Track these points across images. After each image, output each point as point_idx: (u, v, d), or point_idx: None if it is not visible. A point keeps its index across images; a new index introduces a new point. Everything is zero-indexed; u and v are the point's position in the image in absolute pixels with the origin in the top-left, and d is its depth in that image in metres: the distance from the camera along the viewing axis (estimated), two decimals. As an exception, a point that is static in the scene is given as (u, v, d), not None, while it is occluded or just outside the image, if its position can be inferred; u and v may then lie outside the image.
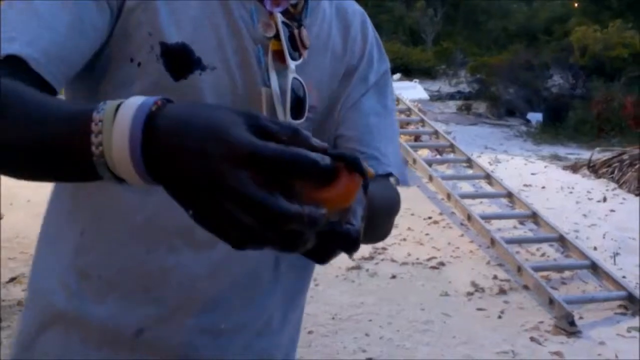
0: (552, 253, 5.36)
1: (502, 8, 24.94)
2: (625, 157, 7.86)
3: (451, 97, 16.19)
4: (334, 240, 0.58)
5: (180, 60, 0.82)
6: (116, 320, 0.88)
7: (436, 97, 15.66)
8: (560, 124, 12.63)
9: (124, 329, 0.88)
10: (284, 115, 0.86)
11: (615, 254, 5.26)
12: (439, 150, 8.06)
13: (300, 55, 0.89)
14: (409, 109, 9.00)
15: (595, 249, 5.33)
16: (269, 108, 0.86)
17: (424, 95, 12.28)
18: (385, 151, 0.97)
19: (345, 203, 0.58)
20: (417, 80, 14.57)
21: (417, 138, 8.41)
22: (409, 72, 17.67)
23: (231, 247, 0.54)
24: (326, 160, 0.54)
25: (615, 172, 7.62)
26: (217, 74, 0.84)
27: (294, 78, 0.87)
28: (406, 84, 12.46)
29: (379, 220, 0.89)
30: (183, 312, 0.89)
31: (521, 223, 5.91)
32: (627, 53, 14.36)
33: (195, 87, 0.83)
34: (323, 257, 0.60)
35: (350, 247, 0.59)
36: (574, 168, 8.31)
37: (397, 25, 23.61)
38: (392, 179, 0.99)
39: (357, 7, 1.02)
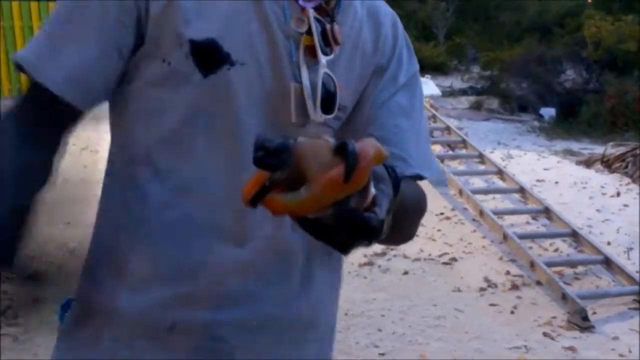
0: (565, 248, 5.34)
1: (515, 1, 24.78)
2: (638, 151, 7.80)
3: (463, 92, 16.13)
4: (354, 227, 0.59)
5: (208, 56, 0.84)
6: (150, 316, 0.90)
7: (448, 93, 15.61)
8: (573, 118, 12.55)
9: (157, 324, 0.90)
10: (314, 110, 0.87)
11: (629, 249, 5.23)
12: (451, 146, 8.04)
13: (332, 51, 0.89)
14: (421, 105, 8.97)
15: (608, 243, 5.30)
16: (297, 103, 0.87)
17: (436, 91, 12.24)
18: (414, 152, 0.97)
19: (337, 187, 0.57)
20: (429, 75, 14.53)
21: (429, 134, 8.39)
22: (420, 67, 17.53)
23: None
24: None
25: (629, 166, 7.56)
26: (246, 69, 0.85)
27: (325, 73, 0.87)
28: (418, 79, 12.37)
29: (407, 219, 0.90)
30: (214, 307, 0.90)
31: (534, 218, 5.88)
32: (640, 46, 14.23)
33: (225, 81, 0.85)
34: (344, 245, 0.61)
35: (371, 235, 0.60)
36: (587, 163, 8.26)
37: (408, 20, 23.54)
38: (427, 180, 0.99)
39: (389, 9, 1.03)
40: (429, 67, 18.37)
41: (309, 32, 0.87)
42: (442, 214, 6.07)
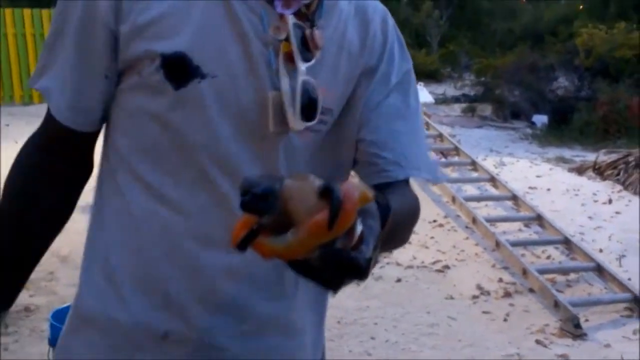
0: (557, 256, 5.35)
1: (507, 9, 24.89)
2: (630, 158, 7.83)
3: (456, 100, 16.16)
4: (341, 267, 0.61)
5: (179, 70, 0.84)
6: (143, 325, 0.91)
7: (441, 100, 15.64)
8: (565, 126, 12.59)
9: (150, 333, 0.91)
10: (294, 118, 0.87)
11: (621, 256, 5.24)
12: (443, 153, 8.06)
13: (312, 56, 0.88)
14: (414, 112, 8.99)
15: (600, 251, 5.31)
16: (276, 112, 0.87)
17: (429, 99, 12.25)
18: (409, 154, 0.97)
19: (321, 234, 0.59)
20: (422, 83, 14.54)
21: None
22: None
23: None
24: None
25: (621, 174, 7.59)
26: (218, 81, 0.85)
27: (304, 80, 0.87)
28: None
29: (400, 230, 0.90)
30: (205, 313, 0.90)
31: (526, 226, 5.90)
32: (632, 54, 14.30)
33: (196, 95, 0.85)
34: (333, 285, 0.63)
35: (358, 275, 0.61)
36: (580, 170, 8.29)
37: (402, 27, 23.51)
38: (423, 178, 1.00)
39: (379, 6, 1.01)
40: (422, 75, 18.40)
41: (289, 38, 0.87)
42: (434, 221, 6.08)
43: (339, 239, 0.61)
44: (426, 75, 18.10)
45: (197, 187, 0.88)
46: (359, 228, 0.63)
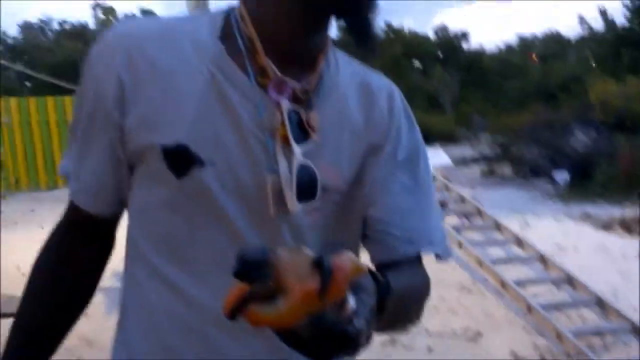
0: (591, 317, 5.20)
1: (516, 68, 25.20)
2: (657, 212, 7.72)
3: (474, 160, 16.21)
4: (330, 338, 0.60)
5: (180, 159, 0.87)
6: None
7: (459, 162, 15.69)
8: (587, 181, 12.52)
9: None
10: (292, 200, 0.88)
11: (658, 314, 5.09)
12: (466, 215, 8.01)
13: (309, 138, 0.89)
14: (433, 176, 9.01)
15: (636, 309, 5.16)
16: (275, 195, 0.88)
17: (447, 161, 12.33)
18: (419, 229, 0.96)
19: (310, 303, 0.60)
20: (439, 145, 14.65)
21: (443, 205, 8.37)
22: (430, 137, 17.81)
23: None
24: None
25: (649, 228, 7.47)
26: (217, 168, 0.87)
27: (301, 163, 0.88)
28: (428, 150, 12.50)
29: (406, 312, 0.90)
30: None
31: (557, 287, 5.78)
32: (648, 107, 14.32)
33: (198, 181, 0.87)
34: (321, 356, 0.62)
35: (348, 347, 0.61)
36: (606, 226, 8.17)
37: (414, 92, 23.98)
38: (432, 255, 0.98)
39: (384, 81, 1.02)
40: (439, 137, 18.55)
41: (284, 123, 0.88)
42: (462, 286, 5.98)
43: (329, 309, 0.61)
44: (443, 137, 18.25)
45: (211, 273, 0.89)
46: (351, 301, 0.63)
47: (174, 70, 0.88)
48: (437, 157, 11.99)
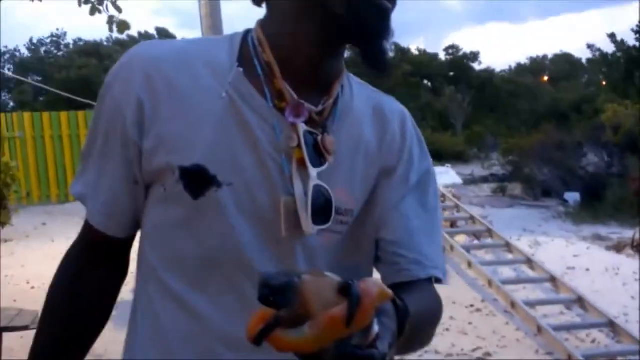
0: (602, 339, 5.15)
1: (528, 89, 25.20)
2: (669, 234, 7.66)
3: (485, 180, 16.16)
4: None
5: (197, 180, 0.88)
6: None
7: (470, 181, 15.65)
8: (598, 202, 12.43)
9: None
10: (306, 222, 0.89)
11: (670, 337, 5.03)
12: (476, 235, 7.98)
13: (325, 161, 0.91)
14: (443, 195, 9.00)
15: (647, 332, 5.11)
16: (288, 216, 0.89)
17: (457, 180, 12.30)
18: (428, 253, 0.97)
19: (334, 331, 0.60)
20: (449, 165, 14.62)
21: (453, 224, 8.35)
22: (440, 157, 17.80)
23: None
24: None
25: (661, 250, 7.41)
26: (233, 188, 0.88)
27: (315, 185, 0.89)
28: (438, 169, 12.54)
29: (420, 335, 0.90)
30: None
31: (568, 308, 5.73)
32: (659, 128, 14.23)
33: (215, 202, 0.88)
34: None
35: None
36: (618, 248, 8.11)
37: (425, 112, 24.00)
38: (434, 280, 0.99)
39: (397, 106, 1.04)
40: (449, 156, 18.53)
41: (300, 145, 0.90)
42: (472, 305, 5.94)
43: (355, 336, 0.61)
44: (453, 156, 18.23)
45: (223, 294, 0.90)
46: (376, 327, 0.63)
47: (192, 93, 0.89)
48: (448, 176, 11.97)
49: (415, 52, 32.28)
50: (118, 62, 0.94)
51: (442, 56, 33.59)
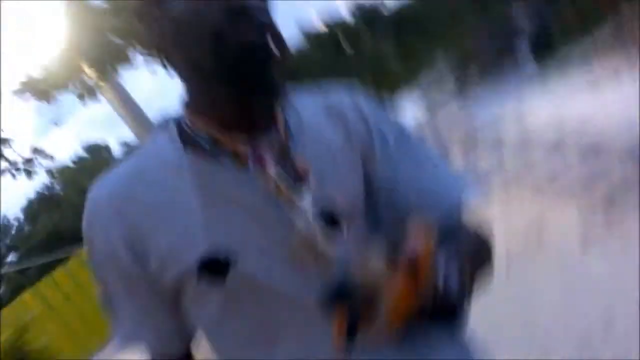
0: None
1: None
2: None
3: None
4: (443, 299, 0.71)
5: (212, 271, 0.90)
6: None
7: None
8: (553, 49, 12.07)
9: None
10: (323, 243, 0.90)
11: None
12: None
13: (305, 180, 0.92)
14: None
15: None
16: (308, 251, 0.90)
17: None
18: (435, 188, 1.00)
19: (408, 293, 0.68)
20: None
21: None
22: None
23: None
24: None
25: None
26: (247, 255, 0.89)
27: (314, 211, 0.91)
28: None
29: (477, 247, 0.97)
30: None
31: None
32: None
33: (241, 277, 0.90)
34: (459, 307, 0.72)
35: (460, 299, 0.72)
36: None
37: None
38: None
39: (342, 90, 1.05)
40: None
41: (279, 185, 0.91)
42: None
43: (427, 286, 0.68)
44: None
45: (290, 342, 0.92)
46: (440, 262, 0.71)
47: (164, 201, 0.90)
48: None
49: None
50: (85, 212, 0.94)
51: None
